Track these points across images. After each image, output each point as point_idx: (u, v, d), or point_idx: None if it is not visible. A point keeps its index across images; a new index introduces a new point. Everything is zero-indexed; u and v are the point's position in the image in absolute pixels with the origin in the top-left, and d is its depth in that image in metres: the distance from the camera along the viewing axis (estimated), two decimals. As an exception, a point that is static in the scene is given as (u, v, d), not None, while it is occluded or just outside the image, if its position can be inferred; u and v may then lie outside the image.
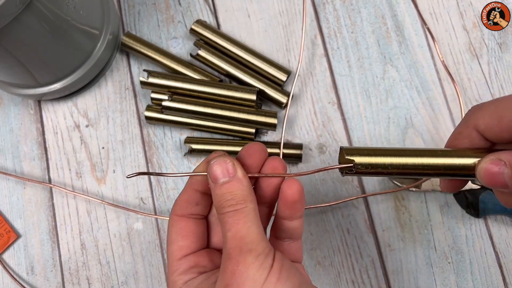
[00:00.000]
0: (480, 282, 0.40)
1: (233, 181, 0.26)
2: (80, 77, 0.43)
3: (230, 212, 0.25)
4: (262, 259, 0.24)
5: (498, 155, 0.24)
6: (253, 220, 0.25)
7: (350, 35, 0.46)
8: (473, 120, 0.26)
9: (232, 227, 0.25)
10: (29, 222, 0.44)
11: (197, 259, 0.28)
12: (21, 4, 0.32)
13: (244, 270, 0.23)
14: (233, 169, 0.26)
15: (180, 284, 0.27)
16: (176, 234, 0.28)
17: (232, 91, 0.42)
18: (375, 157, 0.26)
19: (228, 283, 0.24)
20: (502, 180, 0.24)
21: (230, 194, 0.26)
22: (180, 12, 0.48)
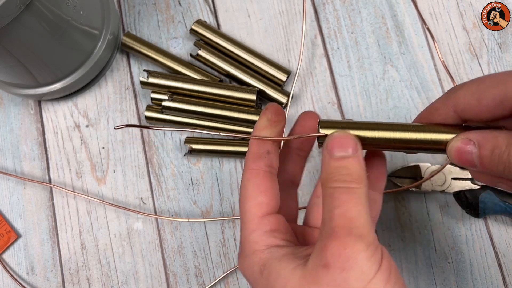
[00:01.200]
0: (480, 282, 0.40)
1: (353, 158, 0.24)
2: (80, 77, 0.43)
3: (343, 188, 0.23)
4: (372, 250, 0.22)
5: (467, 135, 0.24)
6: (364, 205, 0.23)
7: (350, 35, 0.46)
8: (453, 99, 0.25)
9: (343, 204, 0.22)
10: (29, 222, 0.44)
11: (278, 222, 0.26)
12: (21, 4, 0.32)
13: (353, 255, 0.21)
14: (355, 146, 0.24)
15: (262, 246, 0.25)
16: (254, 189, 0.26)
17: (232, 91, 0.42)
18: (348, 130, 0.26)
19: (330, 263, 0.21)
20: (471, 159, 0.24)
21: (347, 170, 0.24)
22: (180, 12, 0.48)
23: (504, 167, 0.23)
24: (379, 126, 0.26)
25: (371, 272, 0.21)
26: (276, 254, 0.24)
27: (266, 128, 0.27)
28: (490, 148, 0.23)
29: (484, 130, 0.24)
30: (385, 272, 0.22)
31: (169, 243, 0.43)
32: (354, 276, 0.21)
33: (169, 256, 0.43)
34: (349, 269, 0.21)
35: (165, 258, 0.43)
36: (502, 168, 0.23)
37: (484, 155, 0.24)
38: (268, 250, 0.24)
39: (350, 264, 0.21)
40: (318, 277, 0.21)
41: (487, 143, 0.24)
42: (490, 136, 0.24)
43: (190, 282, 0.42)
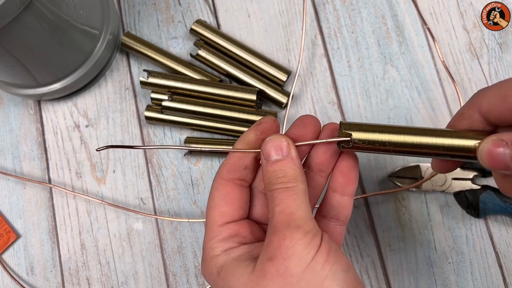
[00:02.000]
0: (480, 282, 0.40)
1: (286, 160, 0.26)
2: (80, 77, 0.43)
3: (280, 188, 0.25)
4: (310, 237, 0.23)
5: (500, 136, 0.24)
6: (302, 199, 0.25)
7: (350, 35, 0.45)
8: (477, 101, 0.25)
9: (281, 202, 0.25)
10: (29, 222, 0.44)
11: (238, 228, 0.27)
12: (21, 4, 0.31)
13: (291, 245, 0.23)
14: (287, 148, 0.26)
15: (218, 251, 0.26)
16: (220, 199, 0.28)
17: (232, 91, 0.42)
18: (373, 133, 0.26)
19: (273, 256, 0.23)
20: (504, 161, 0.23)
21: (282, 172, 0.25)
22: (180, 12, 0.48)
23: None
24: (405, 130, 0.26)
25: (308, 257, 0.23)
26: (232, 255, 0.26)
27: (250, 144, 0.28)
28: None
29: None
30: (324, 253, 0.23)
31: (169, 243, 0.43)
32: (294, 262, 0.23)
33: (169, 256, 0.43)
34: (289, 258, 0.23)
35: (165, 258, 0.43)
36: None
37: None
38: (224, 253, 0.26)
39: (290, 253, 0.23)
40: (265, 270, 0.23)
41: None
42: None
43: (190, 283, 0.42)
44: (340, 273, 0.23)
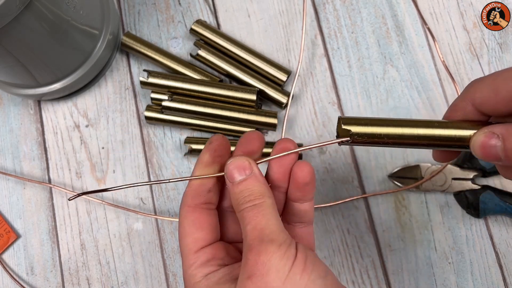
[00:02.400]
0: (481, 283, 0.40)
1: (250, 178, 0.26)
2: (80, 77, 0.43)
3: (249, 207, 0.25)
4: (284, 248, 0.24)
5: (492, 128, 0.24)
6: (272, 213, 0.25)
7: (350, 35, 0.45)
8: (471, 93, 0.26)
9: (252, 220, 0.25)
10: (29, 222, 0.44)
11: (214, 251, 0.28)
12: (21, 4, 0.31)
13: (267, 259, 0.23)
14: (249, 167, 0.26)
15: (199, 278, 0.26)
16: (190, 226, 0.28)
17: (232, 91, 0.42)
18: (371, 126, 0.26)
19: (251, 273, 0.23)
20: (495, 153, 0.24)
21: (248, 191, 0.26)
22: (180, 12, 0.48)
23: None
24: (402, 122, 0.26)
25: (286, 268, 0.23)
26: (213, 279, 0.26)
27: (208, 165, 0.28)
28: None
29: (508, 123, 0.24)
30: (301, 262, 0.23)
31: (169, 243, 0.43)
32: (272, 276, 0.23)
33: (169, 256, 0.43)
34: (267, 272, 0.23)
35: (165, 258, 0.43)
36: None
37: (509, 148, 0.24)
38: (205, 278, 0.26)
39: (266, 268, 0.23)
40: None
41: (511, 135, 0.23)
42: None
43: (190, 283, 0.42)
44: (318, 280, 0.23)
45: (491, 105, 0.25)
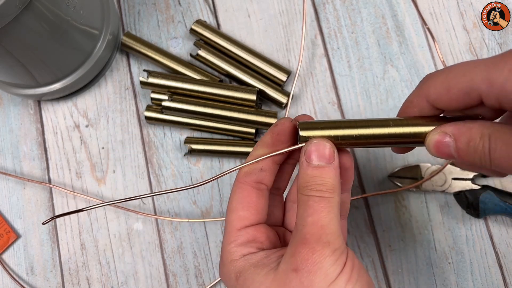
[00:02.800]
0: (481, 283, 0.40)
1: (329, 168, 0.25)
2: (80, 77, 0.43)
3: (317, 197, 0.25)
4: (338, 255, 0.24)
5: (444, 128, 0.25)
6: (336, 214, 0.25)
7: (350, 35, 0.45)
8: (425, 89, 0.26)
9: (315, 213, 0.24)
10: (29, 222, 0.44)
11: (255, 233, 0.28)
12: (21, 4, 0.31)
13: (319, 260, 0.23)
14: (332, 157, 0.26)
15: (237, 256, 0.26)
16: (237, 203, 0.28)
17: (232, 91, 0.42)
18: (327, 130, 0.26)
19: (298, 267, 0.23)
20: (448, 152, 0.25)
21: (321, 180, 0.25)
22: (180, 12, 0.48)
23: (480, 158, 0.24)
24: (357, 123, 0.27)
25: (334, 274, 0.23)
26: (251, 261, 0.26)
27: (268, 147, 0.28)
28: (465, 141, 0.24)
29: (458, 123, 0.25)
30: (348, 271, 0.23)
31: (169, 244, 0.43)
32: (319, 278, 0.23)
33: (169, 256, 0.43)
34: (315, 272, 0.23)
35: (165, 259, 0.43)
36: (478, 159, 0.24)
37: (460, 147, 0.24)
38: (243, 258, 0.26)
39: (316, 268, 0.23)
40: (288, 280, 0.23)
41: (461, 135, 0.24)
42: (465, 129, 0.24)
43: (190, 283, 0.42)
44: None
45: (444, 101, 0.25)
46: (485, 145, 0.23)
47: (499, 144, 0.23)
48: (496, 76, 0.22)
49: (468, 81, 0.23)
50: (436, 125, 0.26)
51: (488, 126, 0.23)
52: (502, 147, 0.23)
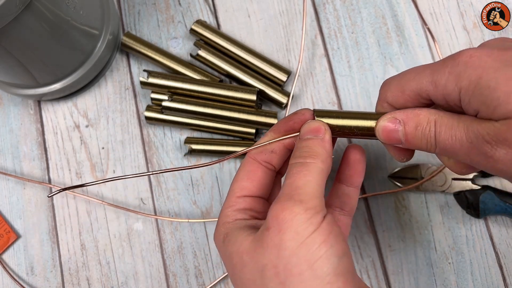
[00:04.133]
0: (481, 283, 0.40)
1: (316, 139, 0.27)
2: (80, 77, 0.43)
3: (298, 163, 0.26)
4: (310, 213, 0.24)
5: (394, 114, 0.27)
6: (315, 177, 0.25)
7: (351, 35, 0.45)
8: (383, 94, 0.28)
9: (292, 176, 0.25)
10: (29, 223, 0.44)
11: (254, 203, 0.29)
12: (21, 4, 0.31)
13: (289, 218, 0.23)
14: (323, 131, 0.28)
15: (230, 219, 0.28)
16: (243, 174, 0.29)
17: (232, 91, 0.42)
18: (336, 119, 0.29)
19: (269, 226, 0.24)
20: (397, 137, 0.27)
21: (308, 148, 0.27)
22: (180, 12, 0.48)
23: (427, 142, 0.26)
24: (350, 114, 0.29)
25: (305, 233, 0.23)
26: (239, 225, 0.27)
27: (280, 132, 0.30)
28: (413, 125, 0.26)
29: (408, 109, 0.27)
30: (323, 232, 0.23)
31: (169, 244, 0.43)
32: (289, 236, 0.23)
33: (169, 256, 0.43)
34: (285, 230, 0.23)
35: (165, 259, 0.43)
36: (425, 143, 0.26)
37: (408, 131, 0.26)
38: (234, 222, 0.27)
39: (285, 226, 0.23)
40: (262, 239, 0.24)
41: (410, 120, 0.26)
42: (413, 114, 0.26)
43: (190, 283, 0.42)
44: (333, 258, 0.23)
45: (400, 103, 0.27)
46: (431, 129, 0.25)
47: (443, 128, 0.25)
48: (439, 79, 0.24)
49: (418, 83, 0.26)
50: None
51: (434, 113, 0.26)
52: (446, 131, 0.25)
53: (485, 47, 0.24)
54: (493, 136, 0.22)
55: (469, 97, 0.23)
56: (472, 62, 0.23)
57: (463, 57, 0.24)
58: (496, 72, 0.22)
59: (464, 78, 0.23)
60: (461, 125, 0.24)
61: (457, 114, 0.25)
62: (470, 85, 0.23)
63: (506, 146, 0.22)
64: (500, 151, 0.22)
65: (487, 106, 0.22)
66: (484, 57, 0.23)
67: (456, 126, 0.24)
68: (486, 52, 0.23)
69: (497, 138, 0.22)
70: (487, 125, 0.23)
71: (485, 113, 0.23)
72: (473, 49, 0.24)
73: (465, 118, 0.24)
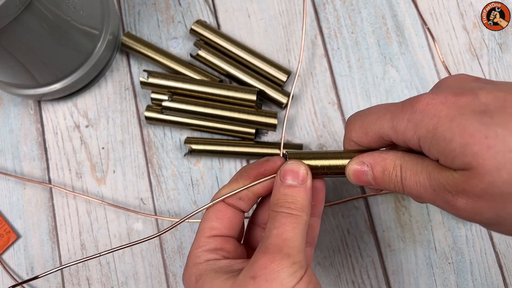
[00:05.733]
0: (481, 283, 0.40)
1: (301, 188, 0.27)
2: (80, 77, 0.43)
3: (286, 213, 0.26)
4: (296, 268, 0.25)
5: (362, 158, 0.27)
6: (301, 231, 0.26)
7: (350, 35, 0.45)
8: (348, 133, 0.28)
9: (281, 226, 0.26)
10: (29, 223, 0.44)
11: (224, 243, 0.29)
12: (21, 5, 0.31)
13: (277, 269, 0.24)
14: (305, 178, 0.28)
15: (201, 260, 0.27)
16: (212, 214, 0.29)
17: (232, 91, 0.42)
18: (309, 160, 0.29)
19: (256, 275, 0.24)
20: (367, 180, 0.27)
21: (292, 198, 0.27)
22: (180, 12, 0.48)
23: (395, 185, 0.26)
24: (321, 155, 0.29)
25: (289, 285, 0.24)
26: (213, 266, 0.27)
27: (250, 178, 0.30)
28: (380, 170, 0.26)
29: (374, 153, 0.27)
30: (303, 285, 0.24)
31: (169, 244, 0.43)
32: (275, 286, 0.24)
33: (169, 256, 0.43)
34: (272, 281, 0.24)
35: (165, 259, 0.43)
36: (393, 186, 0.26)
37: (376, 176, 0.27)
38: (206, 263, 0.27)
39: (273, 277, 0.24)
40: (246, 286, 0.24)
41: (377, 165, 0.27)
42: (379, 159, 0.27)
43: (190, 283, 0.42)
44: None
45: (365, 143, 0.27)
46: (397, 174, 0.26)
47: (408, 174, 0.25)
48: (398, 125, 0.25)
49: (379, 128, 0.26)
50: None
51: (399, 157, 0.26)
52: (411, 177, 0.25)
53: (441, 92, 0.24)
54: (453, 186, 0.22)
55: (428, 146, 0.23)
56: (428, 111, 0.23)
57: (420, 105, 0.24)
58: (451, 122, 0.22)
59: (421, 127, 0.23)
60: (424, 172, 0.24)
61: (421, 157, 0.25)
62: (428, 134, 0.23)
63: (466, 196, 0.22)
64: (460, 200, 0.22)
65: (445, 156, 0.23)
66: (439, 105, 0.23)
67: (420, 173, 0.25)
68: (441, 100, 0.23)
69: (456, 189, 0.22)
70: (446, 174, 0.23)
71: (444, 162, 0.23)
72: (430, 96, 0.24)
73: (428, 164, 0.24)
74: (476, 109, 0.22)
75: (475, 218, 0.23)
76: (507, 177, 0.21)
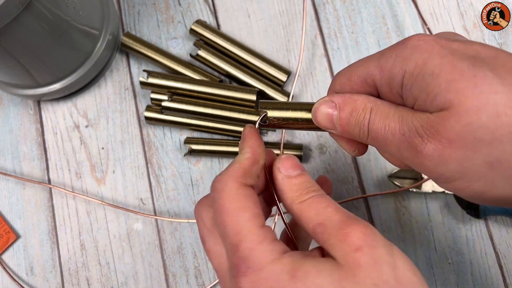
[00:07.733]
0: (481, 283, 0.40)
1: (305, 174, 0.27)
2: (80, 77, 0.43)
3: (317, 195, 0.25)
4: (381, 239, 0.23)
5: (331, 97, 0.26)
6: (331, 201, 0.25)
7: (351, 35, 0.45)
8: (332, 84, 0.28)
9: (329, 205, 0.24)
10: (29, 223, 0.44)
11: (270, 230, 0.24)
12: (20, 5, 0.31)
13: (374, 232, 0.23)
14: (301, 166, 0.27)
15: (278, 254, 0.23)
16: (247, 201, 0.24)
17: (232, 91, 0.42)
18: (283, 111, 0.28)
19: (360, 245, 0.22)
20: (331, 120, 0.26)
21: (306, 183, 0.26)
22: (180, 12, 0.47)
23: (360, 129, 0.25)
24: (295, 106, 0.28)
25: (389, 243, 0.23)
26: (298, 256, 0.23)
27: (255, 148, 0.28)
28: (349, 110, 0.25)
29: (345, 94, 0.26)
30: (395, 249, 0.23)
31: (168, 244, 0.43)
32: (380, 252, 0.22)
33: (169, 256, 0.43)
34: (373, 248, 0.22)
35: (165, 259, 0.43)
36: (357, 131, 0.25)
37: (343, 117, 0.26)
38: (287, 254, 0.23)
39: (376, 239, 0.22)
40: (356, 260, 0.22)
41: (346, 105, 0.26)
42: (350, 100, 0.26)
43: (189, 283, 0.42)
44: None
45: (347, 90, 0.26)
46: (366, 116, 0.25)
47: (378, 117, 0.24)
48: (385, 62, 0.24)
49: (365, 68, 0.25)
50: None
51: (372, 100, 0.25)
52: (381, 119, 0.24)
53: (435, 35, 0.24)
54: (426, 129, 0.22)
55: (411, 82, 0.23)
56: (419, 46, 0.23)
57: (412, 41, 0.23)
58: (442, 59, 0.22)
59: (410, 61, 0.23)
60: (397, 115, 0.24)
61: (395, 105, 0.25)
62: (415, 68, 0.23)
63: (436, 141, 0.22)
64: (429, 145, 0.22)
65: (427, 93, 0.22)
66: (432, 42, 0.23)
67: (391, 116, 0.24)
68: (435, 38, 0.23)
69: (429, 131, 0.22)
70: (422, 116, 0.23)
71: (423, 101, 0.23)
72: (423, 34, 0.24)
73: (402, 109, 0.24)
74: (469, 53, 0.22)
75: (437, 169, 0.22)
76: (485, 120, 0.21)
